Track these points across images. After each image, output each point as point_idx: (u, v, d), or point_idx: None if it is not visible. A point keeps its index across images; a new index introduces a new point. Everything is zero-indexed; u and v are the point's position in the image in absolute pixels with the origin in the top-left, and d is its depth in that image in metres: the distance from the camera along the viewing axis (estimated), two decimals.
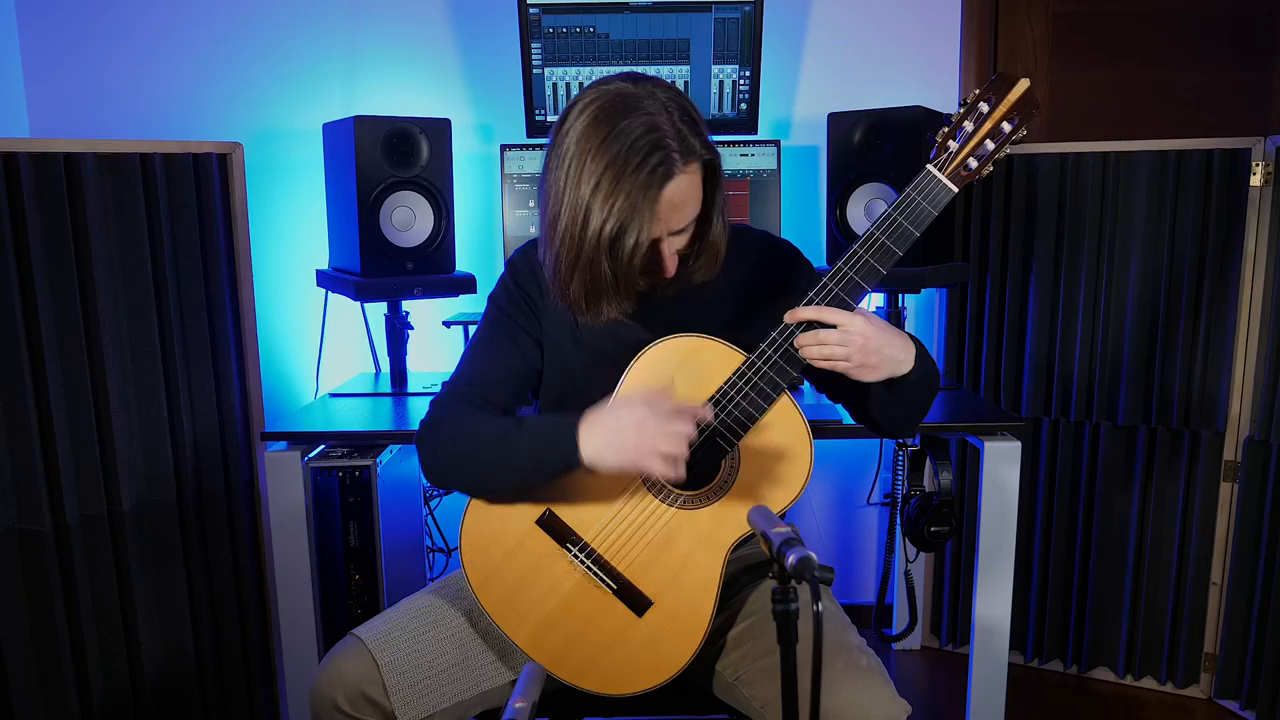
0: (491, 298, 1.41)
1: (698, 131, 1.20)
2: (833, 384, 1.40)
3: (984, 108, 1.23)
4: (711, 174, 1.24)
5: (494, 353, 1.37)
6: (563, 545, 1.27)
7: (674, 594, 1.26)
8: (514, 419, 1.26)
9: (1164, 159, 2.10)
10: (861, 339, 1.19)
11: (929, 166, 1.23)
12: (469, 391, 1.33)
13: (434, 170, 2.02)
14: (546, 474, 1.23)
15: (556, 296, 1.28)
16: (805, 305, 1.23)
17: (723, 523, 1.26)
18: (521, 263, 1.40)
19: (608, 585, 1.27)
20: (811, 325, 1.22)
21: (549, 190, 1.23)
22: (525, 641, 1.27)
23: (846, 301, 1.23)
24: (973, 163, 1.23)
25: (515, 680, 1.30)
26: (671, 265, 1.26)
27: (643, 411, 1.15)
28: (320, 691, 1.23)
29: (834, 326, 1.21)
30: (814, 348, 1.21)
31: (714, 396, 1.25)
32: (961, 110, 1.24)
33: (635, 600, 1.26)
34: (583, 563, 1.27)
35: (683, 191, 1.19)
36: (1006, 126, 1.23)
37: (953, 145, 1.23)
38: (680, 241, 1.26)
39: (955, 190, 1.23)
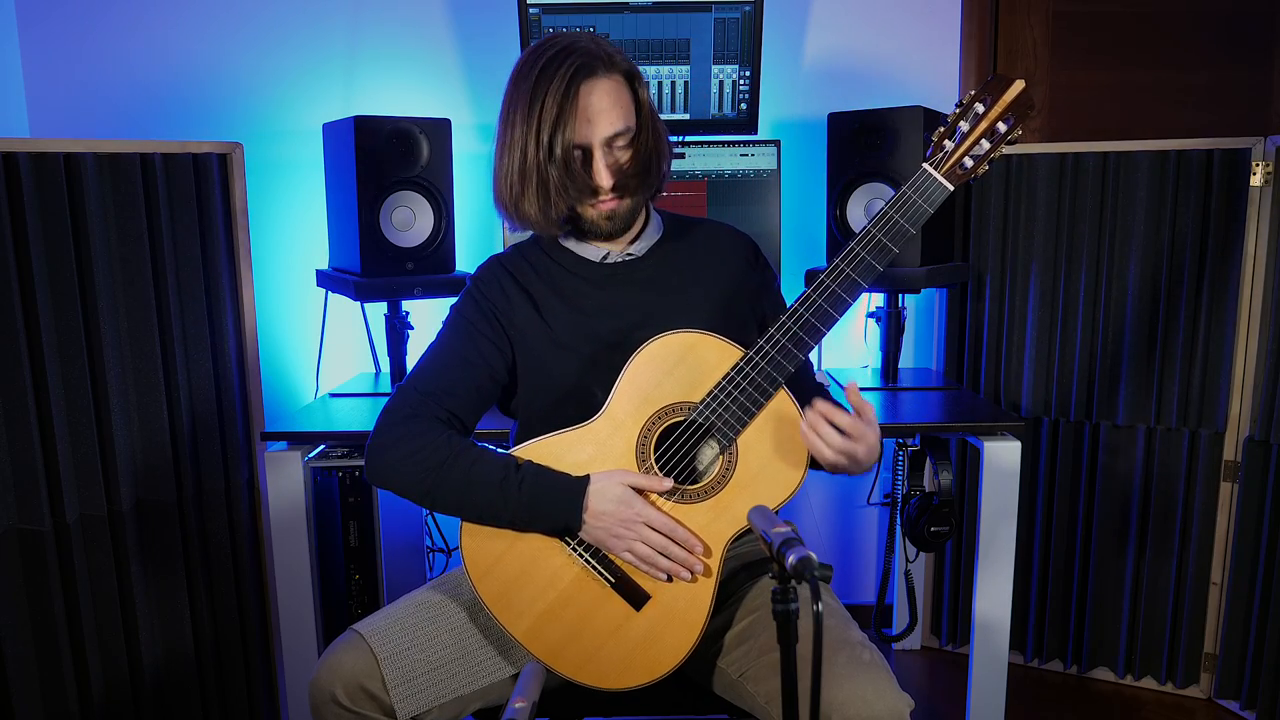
0: (454, 308, 1.40)
1: (619, 53, 1.30)
2: None
3: (980, 108, 1.24)
4: (635, 84, 1.31)
5: (459, 363, 1.35)
6: (562, 539, 1.28)
7: (672, 588, 1.26)
8: (511, 461, 1.25)
9: (1164, 159, 2.10)
10: (865, 450, 1.22)
11: (925, 165, 1.25)
12: (430, 404, 1.31)
13: (434, 170, 2.02)
14: (537, 529, 1.26)
15: (513, 220, 1.33)
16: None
17: (720, 517, 1.26)
18: (486, 273, 1.40)
19: (606, 579, 1.27)
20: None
21: (498, 136, 1.31)
22: (523, 634, 1.27)
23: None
24: (968, 162, 1.25)
25: (514, 675, 1.31)
26: (604, 176, 1.29)
27: (630, 515, 1.22)
28: (319, 685, 1.23)
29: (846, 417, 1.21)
30: (830, 430, 1.21)
31: (711, 392, 1.25)
32: (958, 110, 1.26)
33: (633, 594, 1.26)
34: (581, 556, 1.27)
35: (605, 95, 1.26)
36: (1002, 127, 1.24)
37: (949, 144, 1.25)
38: (620, 157, 1.30)
39: (951, 189, 1.24)
